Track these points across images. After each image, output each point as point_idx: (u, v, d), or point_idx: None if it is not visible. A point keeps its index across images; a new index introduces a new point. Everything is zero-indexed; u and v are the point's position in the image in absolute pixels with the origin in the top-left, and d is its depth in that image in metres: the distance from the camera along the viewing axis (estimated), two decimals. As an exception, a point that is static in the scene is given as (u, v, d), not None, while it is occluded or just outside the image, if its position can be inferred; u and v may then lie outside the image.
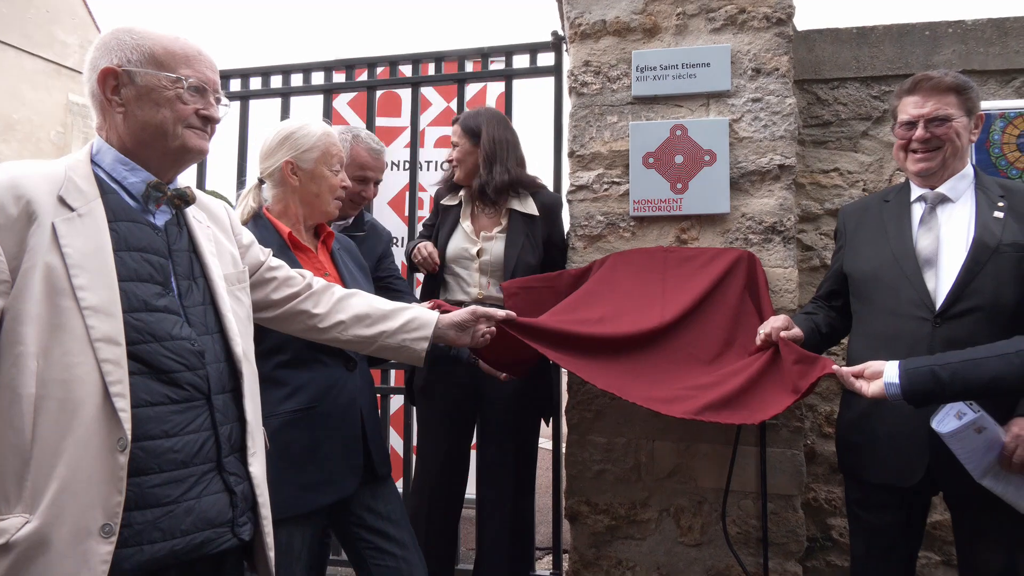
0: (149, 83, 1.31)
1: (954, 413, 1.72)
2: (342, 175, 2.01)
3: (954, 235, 1.92)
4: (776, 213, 2.56)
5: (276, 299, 1.65)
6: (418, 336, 1.77)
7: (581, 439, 2.67)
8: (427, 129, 3.74)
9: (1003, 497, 1.76)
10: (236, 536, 1.30)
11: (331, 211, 2.01)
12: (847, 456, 2.07)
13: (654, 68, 2.67)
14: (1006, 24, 2.75)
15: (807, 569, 2.71)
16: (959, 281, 1.85)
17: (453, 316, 1.86)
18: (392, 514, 1.97)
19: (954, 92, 1.93)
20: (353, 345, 1.76)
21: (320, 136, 1.96)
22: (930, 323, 1.86)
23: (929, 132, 1.93)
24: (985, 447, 1.74)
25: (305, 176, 1.94)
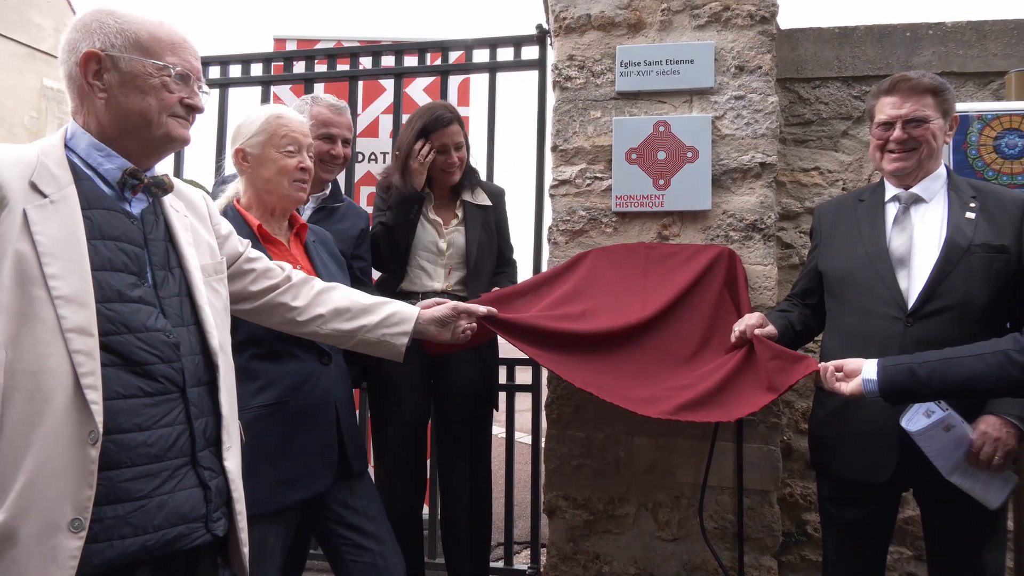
0: (134, 69, 1.28)
1: (923, 411, 1.75)
2: (300, 157, 1.90)
3: (927, 235, 1.95)
4: (757, 211, 2.57)
5: (254, 291, 1.62)
6: (399, 331, 1.75)
7: (560, 434, 2.68)
8: (380, 117, 3.55)
9: (970, 493, 1.80)
10: (210, 532, 1.28)
11: (292, 194, 1.91)
12: (819, 453, 2.10)
13: (638, 64, 2.67)
14: (984, 27, 2.78)
15: (782, 563, 2.74)
16: (931, 281, 1.87)
17: (434, 312, 1.84)
18: (369, 510, 1.96)
19: (931, 94, 1.95)
20: (332, 339, 1.74)
21: (266, 119, 1.89)
22: (902, 322, 1.88)
23: (907, 133, 1.95)
24: (953, 444, 1.76)
25: (255, 162, 1.88)
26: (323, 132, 2.44)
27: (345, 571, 1.91)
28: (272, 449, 1.76)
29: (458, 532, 2.58)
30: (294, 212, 2.02)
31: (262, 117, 1.90)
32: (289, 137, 1.89)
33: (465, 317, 1.89)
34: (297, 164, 1.89)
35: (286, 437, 1.78)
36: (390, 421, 2.54)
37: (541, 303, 2.30)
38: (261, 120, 1.90)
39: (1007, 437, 1.77)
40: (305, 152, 1.92)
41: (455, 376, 2.54)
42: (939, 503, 1.92)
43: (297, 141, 1.90)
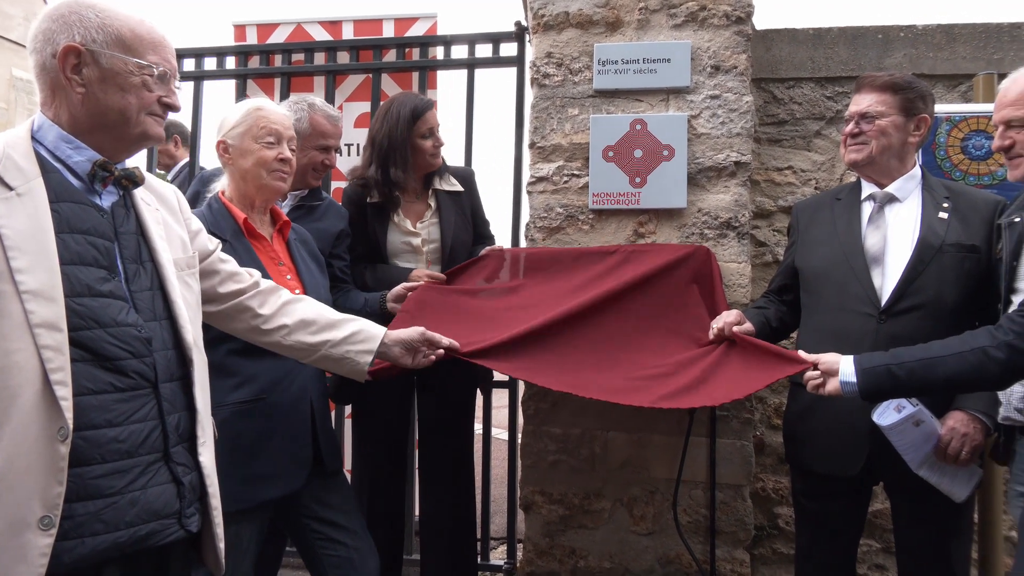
0: (115, 66, 1.27)
1: (894, 407, 1.79)
2: (279, 148, 1.91)
3: (900, 234, 1.99)
4: (731, 209, 2.60)
5: (221, 293, 1.59)
6: (363, 349, 1.72)
7: (537, 430, 2.69)
8: (344, 105, 3.38)
9: (938, 487, 1.84)
10: (183, 528, 1.27)
11: (272, 185, 1.91)
12: (793, 446, 2.13)
13: (616, 62, 2.68)
14: (954, 30, 2.83)
15: (754, 557, 2.79)
16: (903, 279, 1.91)
17: (401, 334, 1.81)
18: (343, 504, 1.95)
19: (890, 90, 2.01)
20: (294, 352, 1.70)
21: (247, 111, 1.90)
22: (875, 319, 1.92)
23: (858, 127, 2.02)
24: (922, 439, 1.81)
25: (236, 153, 1.90)
26: (320, 143, 2.46)
27: (319, 566, 1.90)
28: (247, 446, 1.75)
29: (439, 531, 2.57)
30: (277, 208, 2.01)
31: (243, 109, 1.92)
32: (268, 128, 1.90)
33: (429, 345, 1.86)
34: (276, 155, 1.90)
35: (262, 435, 1.77)
36: (371, 427, 2.54)
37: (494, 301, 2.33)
38: (242, 112, 1.91)
39: (974, 433, 1.82)
40: (285, 144, 1.93)
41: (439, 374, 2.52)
42: (908, 496, 1.96)
43: (277, 133, 1.91)
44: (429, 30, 3.33)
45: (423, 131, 2.48)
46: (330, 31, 3.44)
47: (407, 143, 2.46)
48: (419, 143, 2.48)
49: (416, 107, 2.47)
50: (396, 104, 2.51)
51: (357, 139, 3.41)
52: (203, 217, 1.85)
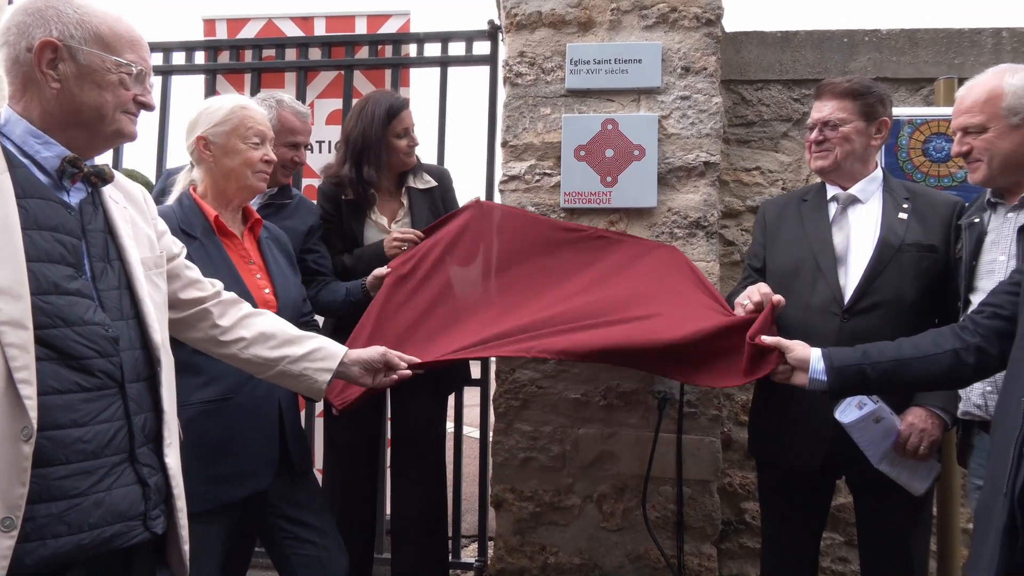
0: (92, 63, 1.25)
1: (855, 404, 1.83)
2: (264, 149, 1.91)
3: (862, 234, 2.04)
4: (700, 208, 2.64)
5: (182, 299, 1.55)
6: (322, 367, 1.67)
7: (508, 427, 2.70)
8: (315, 102, 3.33)
9: (897, 480, 1.90)
10: (148, 529, 1.26)
11: (255, 185, 1.92)
12: (758, 440, 2.18)
13: (588, 62, 2.70)
14: (917, 35, 2.90)
15: (721, 551, 2.83)
16: (864, 278, 1.96)
17: (362, 353, 1.76)
18: (312, 503, 1.94)
19: (850, 97, 2.05)
20: (252, 366, 1.65)
21: (232, 109, 1.88)
22: (839, 317, 1.96)
23: (822, 135, 2.06)
24: (882, 435, 1.86)
25: (219, 151, 1.87)
26: (290, 140, 2.45)
27: (287, 565, 1.89)
28: (213, 446, 1.73)
29: (411, 530, 2.56)
30: (249, 206, 2.00)
31: (227, 107, 1.89)
32: (255, 129, 1.90)
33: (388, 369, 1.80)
34: (262, 156, 1.91)
35: (228, 434, 1.75)
36: (343, 426, 2.52)
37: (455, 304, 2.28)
38: (226, 110, 1.88)
39: (932, 428, 1.87)
40: (268, 144, 1.94)
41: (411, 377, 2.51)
42: (869, 490, 2.02)
43: (262, 133, 1.92)
44: (402, 27, 3.32)
45: (398, 131, 2.47)
46: (302, 27, 3.41)
47: (382, 142, 2.45)
48: (394, 142, 2.47)
49: (391, 106, 2.46)
50: (371, 103, 2.49)
51: (328, 136, 3.39)
52: (173, 213, 1.82)
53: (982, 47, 2.86)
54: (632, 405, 2.64)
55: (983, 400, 1.78)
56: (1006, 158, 1.74)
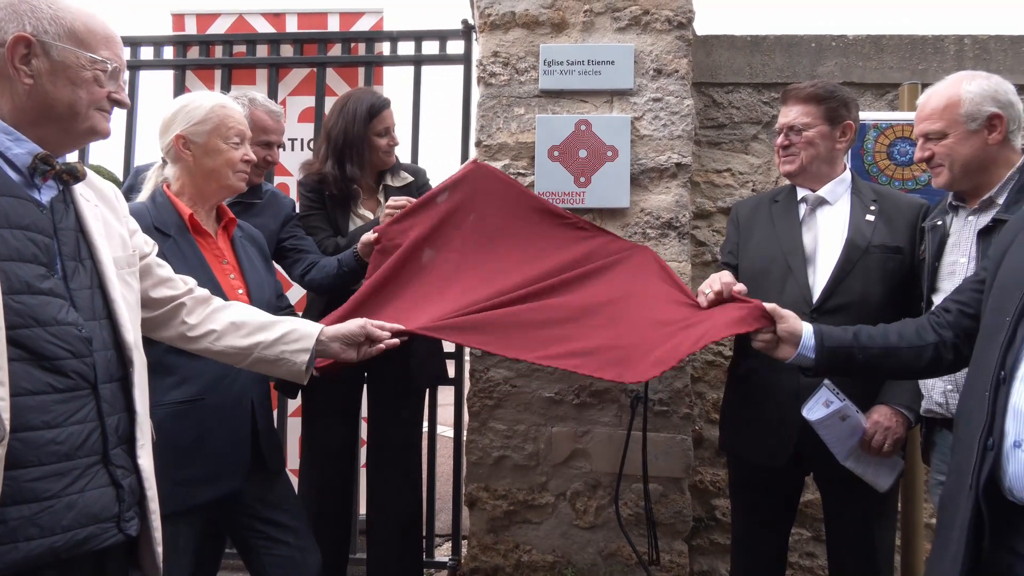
0: (66, 60, 1.23)
1: (822, 401, 1.88)
2: (244, 149, 1.91)
3: (830, 235, 2.08)
4: (672, 209, 2.67)
5: (154, 298, 1.54)
6: (298, 348, 1.66)
7: (482, 426, 2.71)
8: (288, 99, 3.32)
9: (862, 477, 1.95)
10: (122, 531, 1.25)
11: (235, 185, 1.92)
12: (728, 435, 2.22)
13: (561, 63, 2.72)
14: (883, 41, 2.97)
15: (692, 548, 2.87)
16: (832, 278, 2.01)
17: (340, 328, 1.73)
18: (284, 503, 1.93)
19: (813, 102, 2.10)
20: (227, 357, 1.64)
21: (212, 108, 1.86)
22: (807, 316, 2.00)
23: (788, 140, 2.11)
24: (848, 432, 1.91)
25: (199, 150, 1.85)
26: (262, 139, 2.43)
27: (259, 565, 1.87)
28: (184, 447, 1.71)
29: (385, 530, 2.56)
30: (223, 205, 1.98)
31: (207, 105, 1.87)
32: (236, 129, 1.89)
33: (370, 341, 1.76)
34: (243, 156, 1.90)
35: (199, 436, 1.73)
36: (319, 426, 2.51)
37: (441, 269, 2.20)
38: (206, 109, 1.86)
39: (896, 427, 1.92)
40: (247, 144, 1.93)
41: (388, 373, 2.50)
42: (836, 486, 2.07)
43: (242, 133, 1.92)
44: (375, 25, 3.31)
45: (379, 129, 2.47)
46: (273, 23, 3.38)
47: (364, 140, 2.45)
48: (374, 141, 2.47)
49: (373, 105, 2.46)
50: (353, 100, 2.49)
51: (301, 134, 3.36)
52: (146, 210, 1.80)
53: (945, 54, 2.93)
54: (605, 403, 2.67)
55: (944, 399, 1.83)
56: (966, 163, 1.79)
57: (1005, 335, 1.23)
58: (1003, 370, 1.22)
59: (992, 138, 1.77)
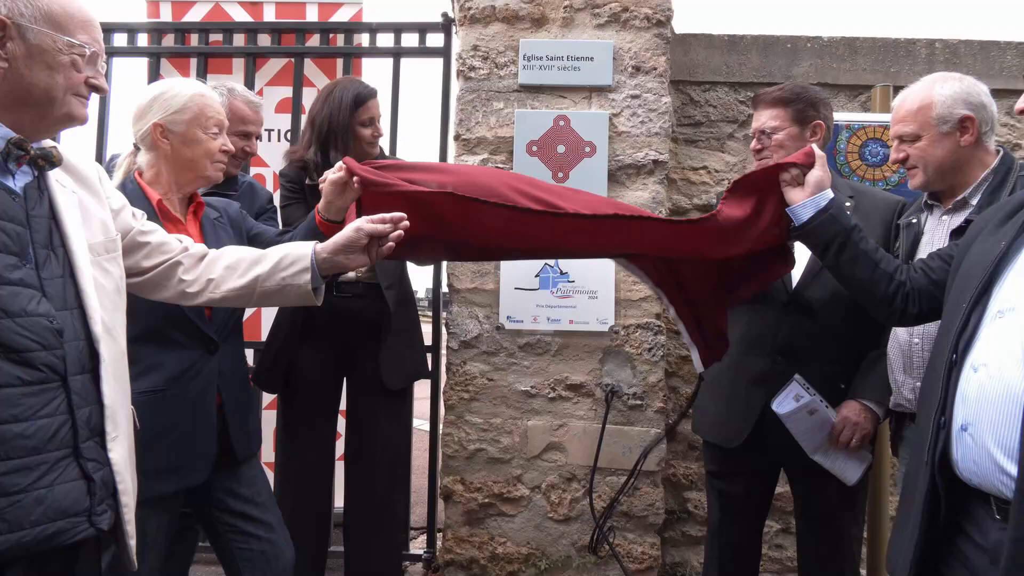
0: (43, 43, 1.21)
1: (792, 396, 1.92)
2: (223, 139, 1.89)
3: None
4: (649, 206, 2.69)
5: (147, 266, 1.54)
6: (296, 270, 1.58)
7: (458, 419, 2.72)
8: (264, 89, 3.24)
9: (831, 471, 1.99)
10: (94, 526, 1.23)
11: (213, 176, 1.90)
12: (696, 417, 2.28)
13: (540, 58, 2.73)
14: (856, 43, 3.02)
15: (664, 539, 2.91)
16: (807, 272, 2.05)
17: (337, 240, 1.59)
18: (256, 496, 1.91)
19: (782, 104, 2.12)
20: (231, 301, 1.62)
21: (192, 97, 1.84)
22: (783, 307, 2.05)
23: (761, 144, 2.14)
24: (817, 427, 1.95)
25: (177, 140, 1.83)
26: (240, 129, 2.40)
27: (231, 560, 1.86)
28: (147, 438, 1.68)
29: (363, 523, 2.55)
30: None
31: (186, 94, 1.84)
32: (215, 119, 1.87)
33: (375, 238, 1.58)
34: (221, 146, 1.88)
35: (162, 427, 1.71)
36: (297, 419, 2.49)
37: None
38: (185, 97, 1.83)
39: (864, 422, 1.97)
40: (225, 134, 1.91)
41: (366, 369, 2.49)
42: (806, 480, 2.11)
43: (221, 123, 1.89)
44: (354, 16, 3.28)
45: (363, 119, 2.44)
46: (250, 12, 3.34)
47: (348, 129, 2.41)
48: (359, 130, 2.43)
49: (359, 93, 2.42)
50: (339, 88, 2.45)
51: (278, 125, 3.33)
52: None
53: (916, 56, 2.99)
54: (580, 397, 2.70)
55: (913, 395, 1.88)
56: (939, 165, 1.83)
57: (960, 320, 1.27)
58: (955, 354, 1.26)
59: (964, 140, 1.81)
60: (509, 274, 2.71)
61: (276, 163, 3.15)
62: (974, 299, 1.26)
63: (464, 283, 2.74)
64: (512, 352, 2.72)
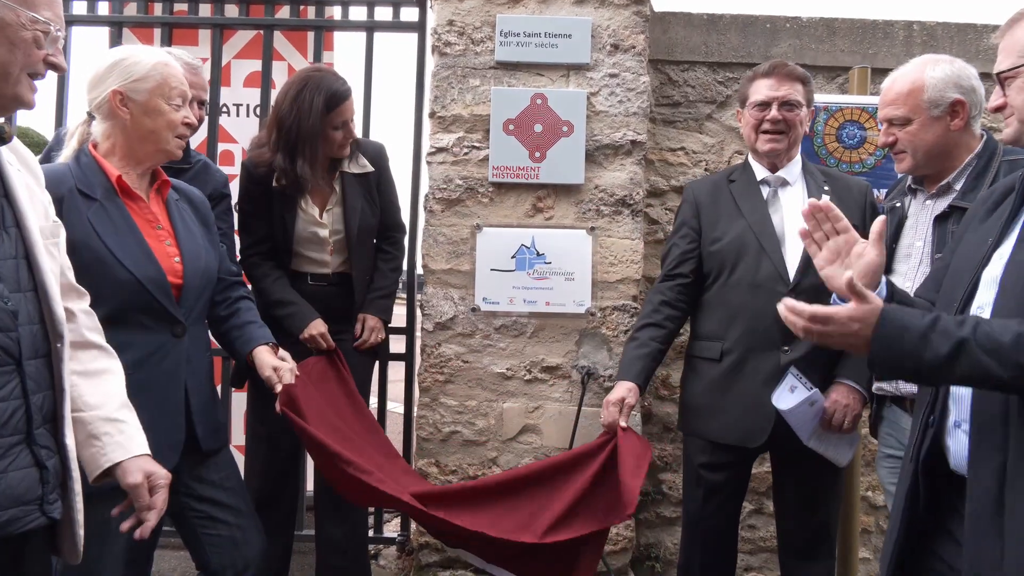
0: (6, 17, 1.14)
1: (788, 387, 1.91)
2: (186, 111, 1.79)
3: (795, 216, 2.10)
4: (627, 187, 2.67)
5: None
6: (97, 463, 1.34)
7: (432, 402, 2.69)
8: (232, 62, 3.17)
9: (824, 455, 2.01)
10: (45, 514, 1.19)
11: (172, 150, 1.79)
12: (696, 420, 2.18)
13: (518, 34, 2.67)
14: (835, 24, 3.00)
15: (639, 521, 2.92)
16: (805, 258, 2.01)
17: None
18: (225, 481, 1.86)
19: (802, 82, 2.12)
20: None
21: (155, 65, 1.74)
22: (784, 295, 2.03)
23: (781, 114, 2.08)
24: (813, 415, 1.96)
25: (138, 109, 1.72)
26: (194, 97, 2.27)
27: (199, 547, 1.81)
28: None
29: (333, 507, 2.51)
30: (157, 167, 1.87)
31: (148, 61, 1.74)
32: (179, 90, 1.78)
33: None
34: (183, 119, 1.79)
35: None
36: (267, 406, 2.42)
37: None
38: (148, 65, 1.73)
39: (854, 403, 1.99)
40: (187, 106, 1.82)
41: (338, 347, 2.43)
42: (791, 463, 2.12)
43: (184, 94, 1.80)
44: None
45: (336, 123, 2.31)
46: None
47: (318, 135, 2.29)
48: (329, 133, 2.31)
49: (331, 96, 2.28)
50: (309, 88, 2.28)
51: (247, 99, 3.24)
52: (69, 172, 1.67)
53: (894, 38, 2.98)
54: (556, 379, 2.68)
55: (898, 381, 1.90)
56: (929, 149, 1.81)
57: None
58: None
59: (954, 124, 1.79)
60: (485, 255, 2.67)
61: (244, 139, 3.06)
62: (965, 297, 1.26)
63: (439, 264, 2.70)
64: (488, 334, 2.68)
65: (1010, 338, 1.07)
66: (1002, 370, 1.07)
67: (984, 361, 1.07)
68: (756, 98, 2.11)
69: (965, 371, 1.09)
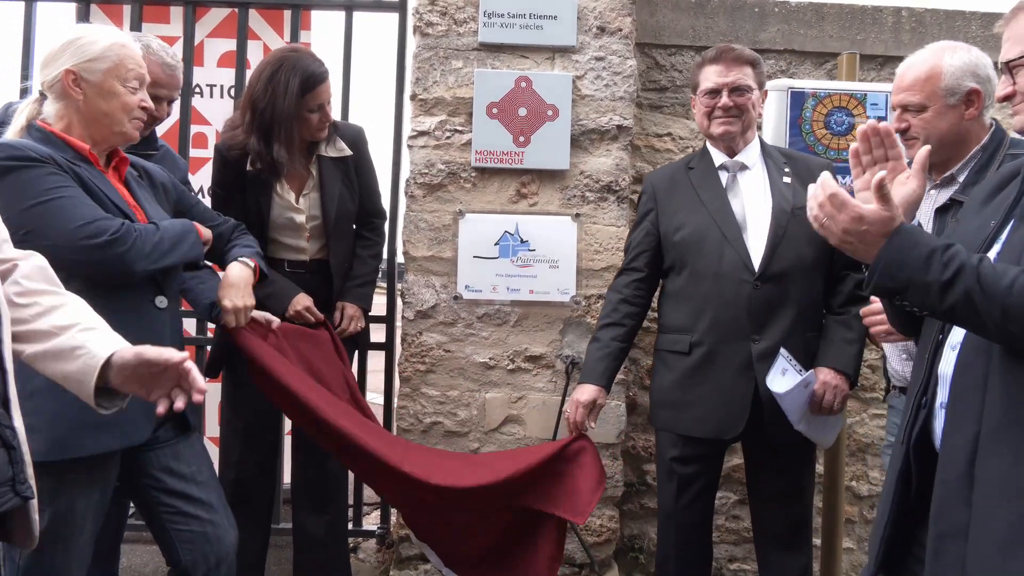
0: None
1: (780, 370, 1.89)
2: (143, 94, 1.74)
3: (756, 201, 2.09)
4: (612, 173, 2.61)
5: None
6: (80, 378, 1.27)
7: (414, 392, 2.63)
8: (205, 41, 3.08)
9: (811, 437, 2.02)
10: (18, 495, 1.15)
11: (128, 133, 1.74)
12: (668, 413, 2.15)
13: (502, 15, 2.60)
14: (824, 9, 2.96)
15: (623, 512, 2.89)
16: (770, 244, 2.00)
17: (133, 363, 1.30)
18: (197, 475, 1.80)
19: (750, 65, 2.09)
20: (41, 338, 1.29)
21: (111, 46, 1.68)
22: (751, 284, 1.99)
23: (732, 100, 2.06)
24: (804, 398, 1.95)
25: (91, 90, 1.66)
26: (151, 92, 2.17)
27: (169, 542, 1.75)
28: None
29: (311, 499, 2.46)
30: None
31: (104, 42, 1.68)
32: (136, 72, 1.73)
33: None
34: (139, 102, 1.74)
35: None
36: (243, 396, 2.35)
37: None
38: (104, 45, 1.67)
39: (842, 384, 1.98)
40: (145, 89, 1.77)
41: None
42: (765, 454, 2.10)
43: (141, 77, 1.75)
44: None
45: (312, 106, 2.24)
46: None
47: (293, 118, 2.21)
48: (306, 116, 2.24)
49: (307, 79, 2.20)
50: (285, 70, 2.20)
51: (220, 80, 3.13)
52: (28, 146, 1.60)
53: (883, 25, 2.95)
54: (540, 369, 2.63)
55: (901, 367, 1.90)
56: (942, 137, 1.78)
57: None
58: (941, 334, 1.25)
59: (968, 113, 1.76)
60: (467, 242, 2.61)
61: (217, 121, 2.97)
62: None
63: (420, 251, 2.63)
64: (470, 323, 2.63)
65: (1006, 281, 1.06)
66: (987, 308, 1.06)
67: (975, 296, 1.07)
68: (706, 85, 2.09)
69: (954, 300, 1.08)
